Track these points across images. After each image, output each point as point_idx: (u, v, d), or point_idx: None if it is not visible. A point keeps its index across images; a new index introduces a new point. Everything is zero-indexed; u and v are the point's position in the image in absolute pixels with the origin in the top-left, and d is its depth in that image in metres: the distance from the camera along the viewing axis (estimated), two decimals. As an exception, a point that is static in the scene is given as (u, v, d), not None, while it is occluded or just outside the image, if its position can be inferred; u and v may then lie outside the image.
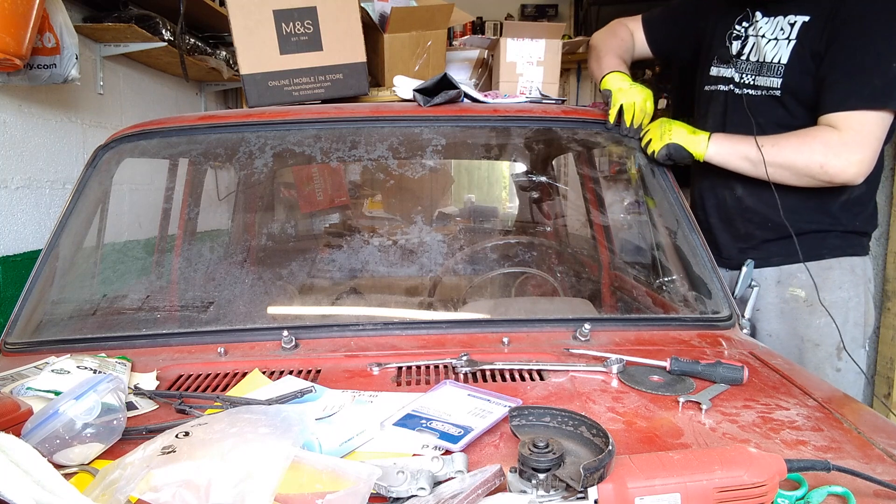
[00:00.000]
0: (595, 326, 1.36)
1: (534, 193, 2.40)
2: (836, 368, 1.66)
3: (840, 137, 1.47)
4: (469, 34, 5.38)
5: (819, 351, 1.65)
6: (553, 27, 2.02)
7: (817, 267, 1.65)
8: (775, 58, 1.61)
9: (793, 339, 1.69)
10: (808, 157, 1.49)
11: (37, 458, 0.78)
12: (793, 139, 1.52)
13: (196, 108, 4.03)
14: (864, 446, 0.93)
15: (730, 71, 1.73)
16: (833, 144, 1.47)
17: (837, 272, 1.67)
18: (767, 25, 1.64)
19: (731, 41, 1.72)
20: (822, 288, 1.63)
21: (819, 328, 1.66)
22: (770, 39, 1.62)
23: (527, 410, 0.91)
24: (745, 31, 1.69)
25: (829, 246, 1.66)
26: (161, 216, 2.02)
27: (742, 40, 1.70)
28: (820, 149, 1.48)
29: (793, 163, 1.51)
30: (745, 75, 1.68)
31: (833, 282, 1.66)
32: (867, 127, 1.46)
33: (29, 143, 2.44)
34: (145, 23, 2.86)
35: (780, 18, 1.61)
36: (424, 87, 1.70)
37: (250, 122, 1.68)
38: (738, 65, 1.70)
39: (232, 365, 1.24)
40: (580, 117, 1.75)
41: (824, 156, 1.47)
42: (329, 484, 0.75)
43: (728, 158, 1.58)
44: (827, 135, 1.48)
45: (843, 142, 1.46)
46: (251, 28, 1.83)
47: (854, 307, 1.67)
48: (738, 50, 1.70)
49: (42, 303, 1.49)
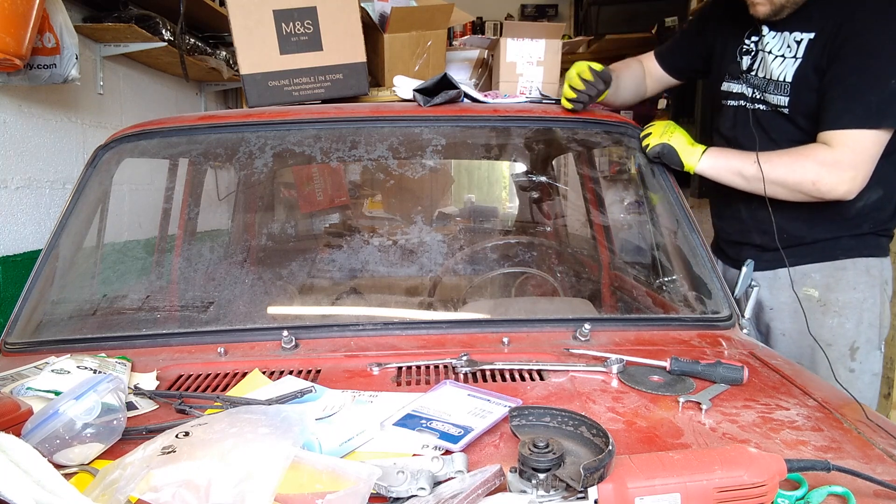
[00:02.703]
0: (595, 326, 1.36)
1: (534, 193, 2.40)
2: (849, 369, 1.66)
3: (833, 155, 1.48)
4: (469, 34, 5.38)
5: (831, 351, 1.64)
6: (553, 27, 2.02)
7: (831, 267, 1.65)
8: (781, 75, 1.61)
9: (805, 339, 1.66)
10: (800, 174, 1.51)
11: (37, 458, 0.78)
12: (786, 157, 1.53)
13: (196, 108, 4.03)
14: (864, 446, 0.93)
15: (740, 86, 1.73)
16: (826, 162, 1.48)
17: (851, 273, 1.66)
18: (774, 41, 1.63)
19: (742, 56, 1.72)
20: (836, 288, 1.64)
21: (832, 328, 1.66)
22: (776, 56, 1.62)
23: (527, 410, 0.91)
24: (755, 45, 1.69)
25: (843, 247, 1.66)
26: (161, 216, 2.02)
27: (752, 55, 1.70)
28: (812, 167, 1.49)
29: (785, 179, 1.52)
30: (755, 91, 1.68)
31: (847, 282, 1.65)
32: (861, 145, 1.47)
33: (29, 143, 2.44)
34: (145, 23, 2.86)
35: (786, 34, 1.61)
36: (424, 87, 1.70)
37: (250, 122, 1.68)
38: (749, 80, 1.70)
39: (232, 365, 1.24)
40: (580, 117, 1.75)
41: (817, 174, 1.49)
42: (329, 484, 0.75)
43: (720, 173, 1.60)
44: (821, 153, 1.50)
45: (835, 160, 1.47)
46: (251, 28, 1.83)
47: (869, 308, 1.66)
48: (749, 65, 1.70)
49: (42, 303, 1.49)
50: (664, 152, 1.60)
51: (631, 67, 1.94)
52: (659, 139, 1.61)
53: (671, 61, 1.95)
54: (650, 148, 1.61)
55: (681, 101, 4.30)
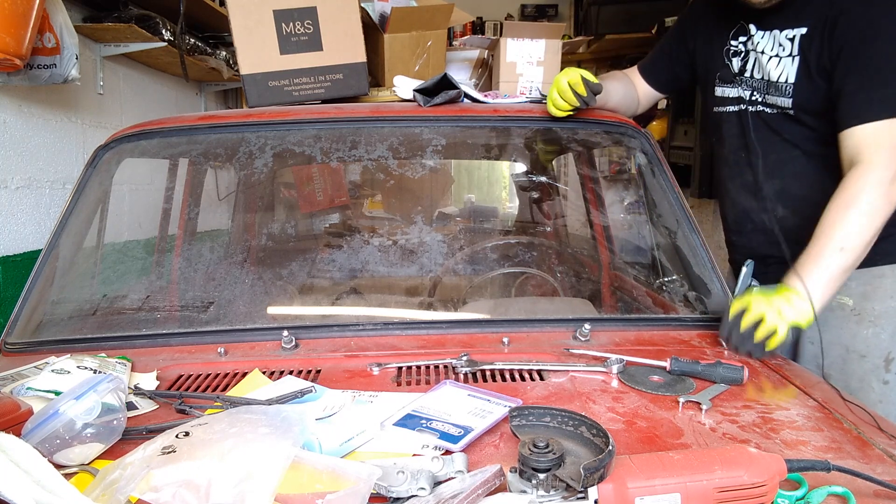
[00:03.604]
0: (595, 326, 1.36)
1: (534, 193, 2.40)
2: (883, 381, 1.56)
3: (873, 169, 1.33)
4: (469, 34, 5.38)
5: (865, 363, 1.56)
6: (553, 27, 2.02)
7: (868, 274, 1.54)
8: (781, 76, 1.53)
9: (836, 349, 1.59)
10: (872, 211, 1.33)
11: (37, 458, 0.78)
12: (843, 211, 1.34)
13: (196, 108, 4.03)
14: (864, 446, 0.93)
15: (736, 90, 1.65)
16: (876, 181, 1.33)
17: (890, 280, 1.56)
18: (765, 40, 1.56)
19: (731, 58, 1.65)
20: (872, 297, 1.55)
21: (866, 339, 1.56)
22: (771, 56, 1.55)
23: (527, 410, 0.91)
24: (743, 46, 1.62)
25: (882, 251, 1.51)
26: (161, 216, 2.02)
27: (742, 56, 1.62)
28: (871, 195, 1.33)
29: (869, 228, 1.33)
30: (754, 93, 1.61)
31: (885, 290, 1.56)
32: (892, 135, 1.34)
33: (29, 143, 2.44)
34: (145, 23, 2.86)
35: (776, 32, 1.54)
36: (424, 88, 1.70)
37: (250, 122, 1.68)
38: (745, 82, 1.63)
39: (232, 365, 1.24)
40: (580, 117, 1.75)
41: (878, 195, 1.32)
42: (329, 484, 0.75)
43: (832, 289, 1.36)
44: (860, 177, 1.34)
45: (878, 168, 1.33)
46: (251, 28, 1.83)
47: None
48: (741, 67, 1.63)
49: (42, 303, 1.49)
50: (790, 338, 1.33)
51: (622, 81, 1.84)
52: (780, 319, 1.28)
53: (655, 75, 1.85)
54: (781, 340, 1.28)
55: (681, 102, 4.30)
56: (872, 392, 1.54)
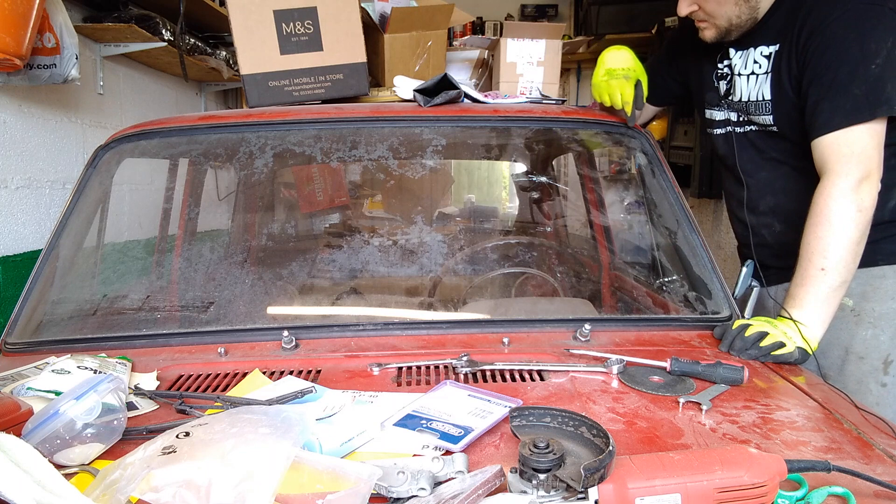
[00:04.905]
0: (595, 327, 1.36)
1: (534, 194, 2.40)
2: (881, 383, 1.56)
3: (836, 180, 1.35)
4: (469, 34, 5.38)
5: (863, 364, 1.56)
6: (553, 27, 2.02)
7: (868, 275, 1.54)
8: (758, 94, 1.55)
9: (835, 350, 1.58)
10: (843, 223, 1.34)
11: (37, 459, 0.78)
12: (819, 229, 1.35)
13: (196, 108, 4.04)
14: (864, 446, 0.93)
15: (723, 113, 1.68)
16: (841, 190, 1.34)
17: (891, 281, 1.55)
18: (741, 60, 1.58)
19: (718, 81, 1.67)
20: (872, 297, 1.54)
21: (865, 340, 1.56)
22: (746, 75, 1.57)
23: (527, 411, 0.91)
24: (728, 69, 1.63)
25: (883, 252, 1.53)
26: (161, 216, 2.02)
27: (728, 80, 1.64)
28: (841, 207, 1.34)
29: (849, 241, 1.34)
30: (740, 115, 1.63)
31: (885, 291, 1.55)
32: (859, 144, 1.35)
33: (29, 143, 2.44)
34: (145, 23, 2.86)
35: (751, 51, 1.55)
36: (425, 88, 1.71)
37: (250, 122, 1.68)
38: (730, 105, 1.65)
39: (232, 365, 1.25)
40: (580, 117, 1.75)
41: (847, 206, 1.34)
42: (329, 484, 0.75)
43: (828, 311, 1.37)
44: (828, 192, 1.36)
45: (842, 178, 1.35)
46: (251, 28, 1.83)
47: None
48: (727, 90, 1.65)
49: (42, 303, 1.49)
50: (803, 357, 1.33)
51: None
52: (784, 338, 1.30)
53: (654, 94, 1.82)
54: (790, 354, 1.29)
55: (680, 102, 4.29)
56: (870, 394, 1.54)
